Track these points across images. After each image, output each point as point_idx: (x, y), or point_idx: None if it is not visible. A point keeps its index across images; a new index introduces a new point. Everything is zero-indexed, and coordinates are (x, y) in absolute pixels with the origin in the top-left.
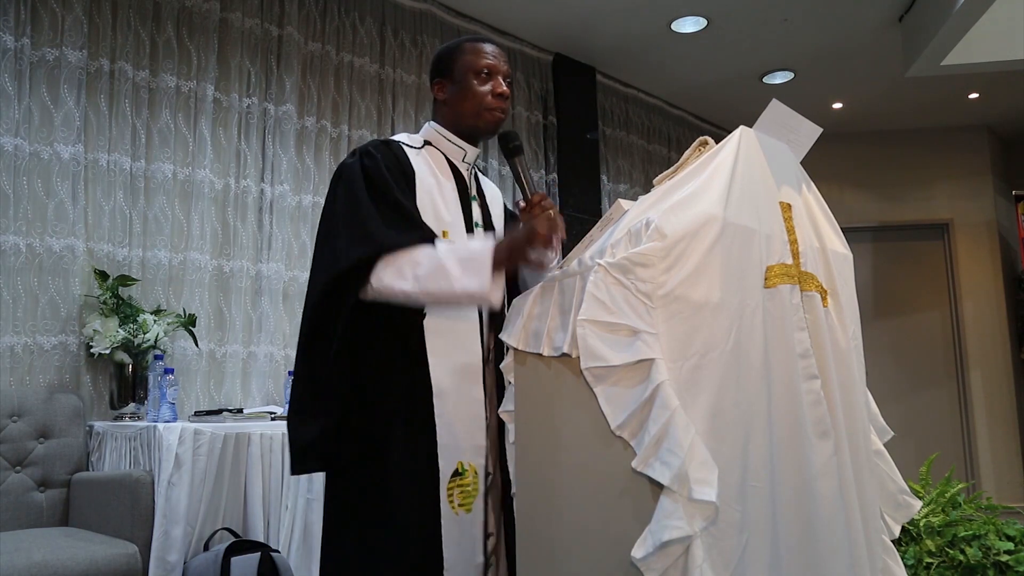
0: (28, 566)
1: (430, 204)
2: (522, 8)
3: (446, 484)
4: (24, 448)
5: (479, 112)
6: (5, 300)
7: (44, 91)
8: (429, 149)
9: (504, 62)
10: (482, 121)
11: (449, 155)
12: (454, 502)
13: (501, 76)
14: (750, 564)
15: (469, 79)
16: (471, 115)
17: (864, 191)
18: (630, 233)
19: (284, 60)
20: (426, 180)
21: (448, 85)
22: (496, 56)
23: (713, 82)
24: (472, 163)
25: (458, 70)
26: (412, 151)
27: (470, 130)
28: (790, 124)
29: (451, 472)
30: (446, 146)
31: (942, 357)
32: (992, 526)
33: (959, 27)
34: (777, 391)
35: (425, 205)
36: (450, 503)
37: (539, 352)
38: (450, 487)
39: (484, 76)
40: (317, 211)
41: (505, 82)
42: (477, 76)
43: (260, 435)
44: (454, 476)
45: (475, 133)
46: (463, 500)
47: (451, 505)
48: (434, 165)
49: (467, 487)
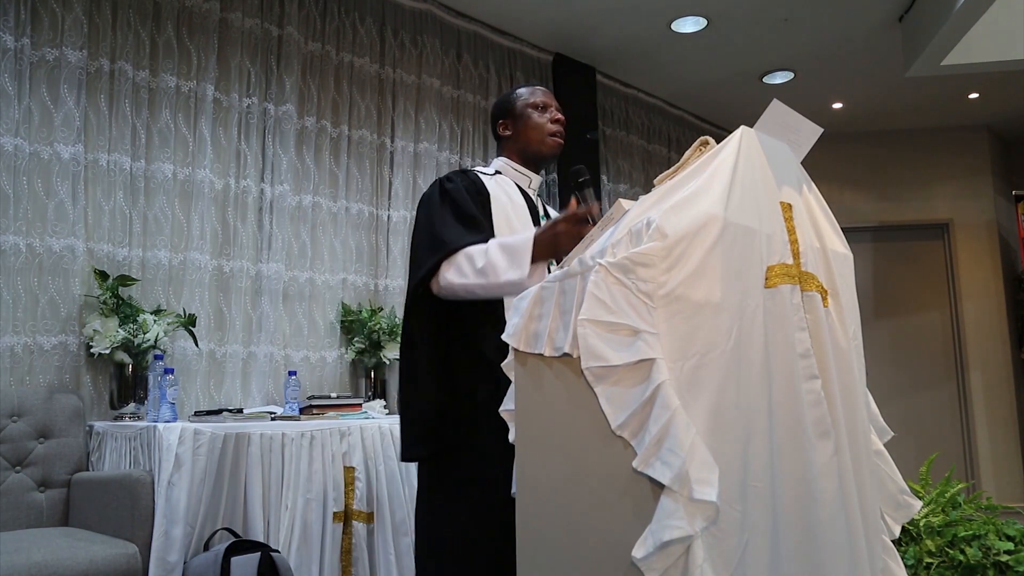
0: (28, 566)
1: (505, 221)
2: (522, 8)
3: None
4: (24, 448)
5: (543, 139)
6: (5, 300)
7: (44, 91)
8: (500, 177)
9: (553, 99)
10: (546, 146)
11: (518, 182)
12: None
13: (554, 108)
14: (751, 564)
15: (529, 113)
16: (536, 142)
17: (864, 191)
18: (631, 233)
19: (284, 60)
20: (501, 199)
21: (511, 122)
22: (547, 94)
23: (713, 82)
24: (537, 189)
25: (519, 108)
26: (486, 177)
27: (535, 155)
28: (790, 124)
29: None
30: (514, 175)
31: (942, 357)
32: (992, 526)
33: (959, 27)
34: (777, 391)
35: (500, 222)
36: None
37: (540, 352)
38: None
39: (541, 109)
40: (317, 211)
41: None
42: (536, 109)
43: (260, 435)
44: None
45: (540, 158)
46: None
47: None
48: (507, 189)
49: None
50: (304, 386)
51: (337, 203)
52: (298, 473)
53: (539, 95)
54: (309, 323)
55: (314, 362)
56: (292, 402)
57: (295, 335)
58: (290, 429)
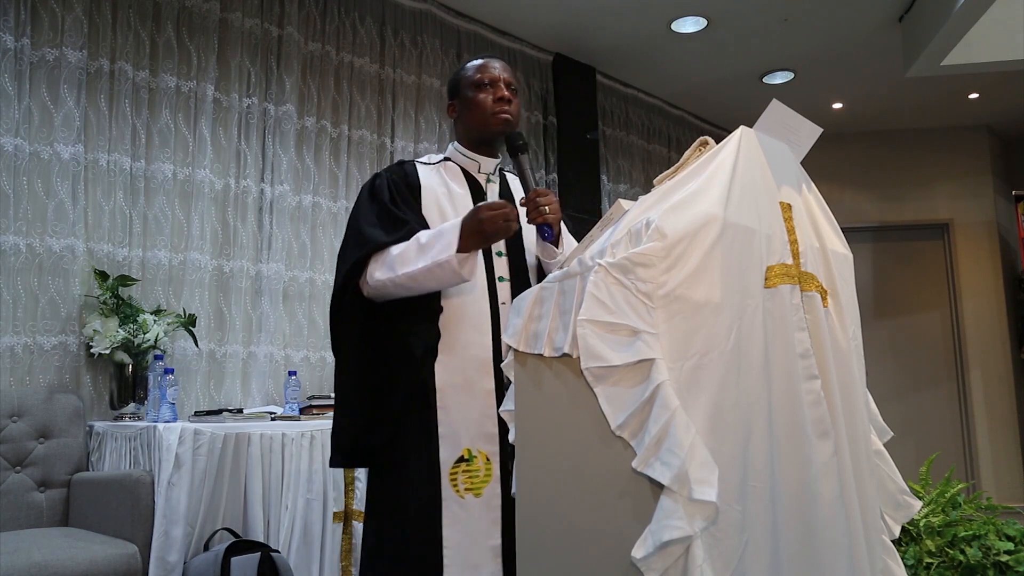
0: (28, 566)
1: (438, 212)
2: (522, 8)
3: (448, 469)
4: (24, 448)
5: (485, 119)
6: (5, 300)
7: (44, 91)
8: (447, 164)
9: (504, 71)
10: (489, 127)
11: (466, 168)
12: (459, 486)
13: (502, 83)
14: (750, 564)
15: (472, 93)
16: (478, 124)
17: (864, 191)
18: (630, 233)
19: (284, 60)
20: (434, 190)
21: (458, 104)
22: (495, 67)
23: (713, 82)
24: (491, 173)
25: (463, 88)
26: (424, 167)
27: (481, 138)
28: (790, 124)
29: (455, 458)
30: (461, 160)
31: (942, 357)
32: (992, 526)
33: (959, 27)
34: (777, 391)
35: (432, 214)
36: (454, 487)
37: (540, 353)
38: (454, 471)
39: (485, 86)
40: (317, 211)
41: (508, 89)
42: (478, 88)
43: (260, 435)
44: (459, 461)
45: (486, 140)
46: (471, 484)
47: (455, 489)
48: (448, 178)
49: (475, 472)
50: (304, 386)
51: (337, 203)
52: (298, 473)
53: (483, 70)
54: (309, 323)
55: (314, 362)
56: (292, 402)
57: (295, 335)
58: (290, 429)
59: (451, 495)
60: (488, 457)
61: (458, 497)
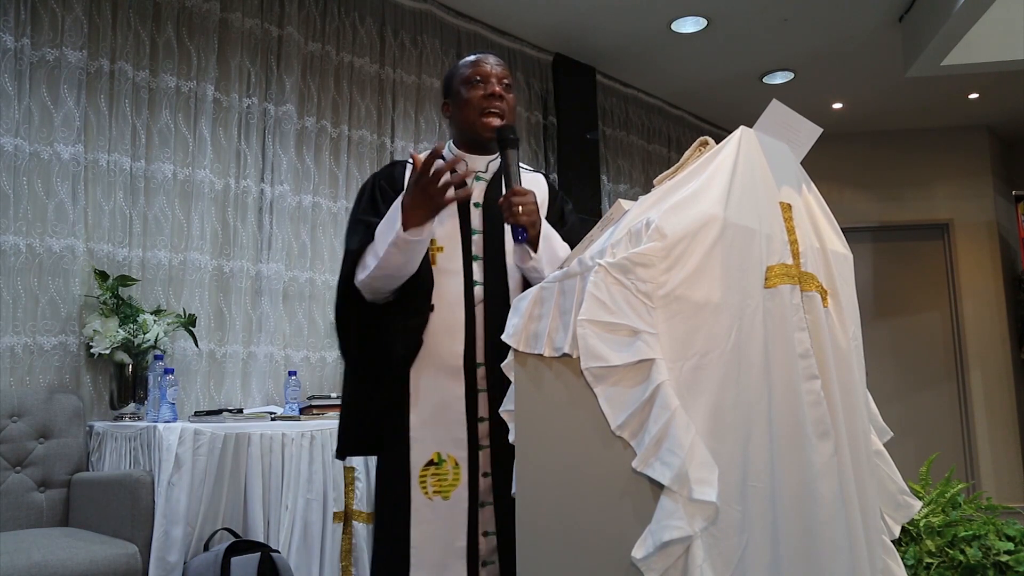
0: (28, 566)
1: None
2: (522, 8)
3: (418, 472)
4: (24, 448)
5: (474, 118)
6: (5, 300)
7: (44, 91)
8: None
9: (496, 66)
10: (479, 124)
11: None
12: (427, 489)
13: (494, 79)
14: (750, 564)
15: (463, 90)
16: (469, 122)
17: (864, 191)
18: (630, 233)
19: (284, 60)
20: None
21: (451, 104)
22: (486, 63)
23: (713, 82)
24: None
25: (455, 86)
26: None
27: (473, 136)
28: (790, 124)
29: (425, 461)
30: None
31: (942, 357)
32: (992, 526)
33: (959, 27)
34: (777, 391)
35: None
36: (423, 489)
37: (540, 353)
38: (423, 474)
39: (477, 83)
40: (317, 211)
41: (500, 84)
42: (469, 85)
43: (260, 435)
44: (429, 465)
45: (478, 138)
46: (439, 488)
47: (424, 491)
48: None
49: (444, 476)
50: (304, 386)
51: (337, 203)
52: (298, 473)
53: (473, 67)
54: (309, 323)
55: (314, 362)
56: (292, 402)
57: (295, 335)
58: (290, 429)
59: (420, 497)
60: (457, 461)
61: (427, 499)
